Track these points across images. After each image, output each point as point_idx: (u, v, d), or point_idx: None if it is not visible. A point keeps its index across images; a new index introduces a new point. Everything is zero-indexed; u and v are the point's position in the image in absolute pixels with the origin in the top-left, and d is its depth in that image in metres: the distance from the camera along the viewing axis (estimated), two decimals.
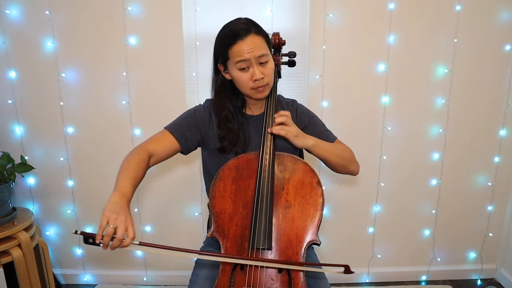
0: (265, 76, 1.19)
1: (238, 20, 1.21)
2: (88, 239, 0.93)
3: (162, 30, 2.01)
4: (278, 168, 1.19)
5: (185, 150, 1.30)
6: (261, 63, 1.18)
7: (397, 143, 2.17)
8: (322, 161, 1.29)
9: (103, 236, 0.92)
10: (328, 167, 1.32)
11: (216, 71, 1.29)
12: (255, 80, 1.18)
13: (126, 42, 2.01)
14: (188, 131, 1.28)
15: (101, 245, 0.93)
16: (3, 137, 2.11)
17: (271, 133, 1.19)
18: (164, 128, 1.30)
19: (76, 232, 0.92)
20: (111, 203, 0.98)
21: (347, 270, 1.03)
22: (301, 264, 1.09)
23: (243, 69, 1.18)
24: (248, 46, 1.15)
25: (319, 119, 1.40)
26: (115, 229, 0.93)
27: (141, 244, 0.96)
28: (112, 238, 0.93)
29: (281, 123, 1.17)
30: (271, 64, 1.21)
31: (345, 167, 1.31)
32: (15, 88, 2.05)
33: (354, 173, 1.35)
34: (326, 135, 1.35)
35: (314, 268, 1.11)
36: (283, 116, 1.17)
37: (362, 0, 1.99)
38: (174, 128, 1.28)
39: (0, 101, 2.07)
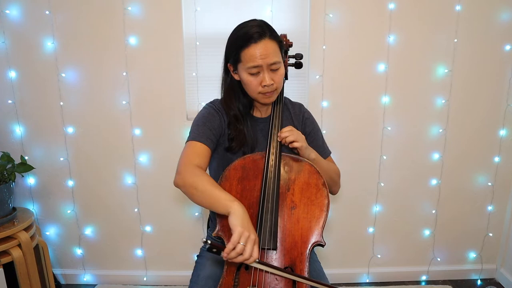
0: (275, 83, 1.19)
1: (253, 21, 1.19)
2: (213, 249, 0.94)
3: (162, 30, 2.01)
4: (284, 169, 1.19)
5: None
6: (272, 70, 1.18)
7: (397, 143, 2.17)
8: None
9: (231, 250, 0.93)
10: None
11: (226, 70, 1.28)
12: (264, 86, 1.17)
13: (126, 42, 2.00)
14: (212, 136, 1.23)
15: (223, 255, 0.95)
16: (3, 137, 2.11)
17: (283, 143, 1.21)
18: (192, 140, 1.20)
19: (206, 242, 0.91)
20: (241, 216, 0.99)
21: None
22: (309, 280, 1.07)
23: (253, 73, 1.17)
24: (261, 52, 1.14)
25: (320, 131, 1.41)
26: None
27: (259, 263, 0.98)
28: None
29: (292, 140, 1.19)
30: (282, 70, 1.20)
31: (328, 186, 1.31)
32: (15, 88, 2.05)
33: (333, 193, 1.38)
34: (322, 149, 1.37)
35: (321, 285, 1.08)
36: (288, 132, 1.19)
37: (362, 0, 1.99)
38: (202, 137, 1.21)
39: (0, 101, 2.06)
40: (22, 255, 1.78)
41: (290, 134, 1.19)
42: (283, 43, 1.24)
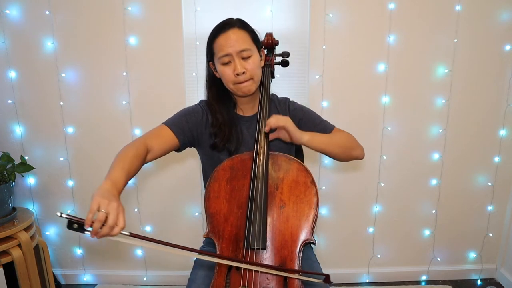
0: (247, 71, 1.20)
1: (227, 19, 1.24)
2: (74, 224, 0.83)
3: (162, 30, 2.01)
4: (272, 168, 1.19)
5: (182, 146, 1.29)
6: (243, 58, 1.19)
7: (397, 143, 2.16)
8: (323, 154, 1.28)
9: (92, 222, 0.84)
10: (331, 158, 1.30)
11: (209, 69, 1.31)
12: (237, 74, 1.19)
13: (126, 42, 2.01)
14: (186, 128, 1.27)
15: (87, 232, 0.84)
16: (3, 137, 2.11)
17: (268, 131, 1.18)
18: (162, 123, 1.27)
19: (61, 215, 0.82)
20: (102, 190, 0.92)
21: (327, 279, 1.04)
22: (296, 272, 1.08)
23: (226, 63, 1.20)
24: (230, 40, 1.17)
25: (313, 111, 1.39)
26: (106, 216, 0.85)
27: (131, 235, 0.88)
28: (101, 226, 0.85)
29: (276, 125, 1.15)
30: (254, 59, 1.22)
31: (347, 154, 1.30)
32: (15, 88, 2.05)
33: (359, 157, 1.34)
34: (323, 126, 1.34)
35: (309, 277, 1.08)
36: (273, 119, 1.15)
37: (362, 0, 1.99)
38: (173, 124, 1.26)
39: (0, 101, 2.07)
40: (22, 255, 1.79)
41: (274, 118, 1.15)
42: (256, 35, 1.26)
